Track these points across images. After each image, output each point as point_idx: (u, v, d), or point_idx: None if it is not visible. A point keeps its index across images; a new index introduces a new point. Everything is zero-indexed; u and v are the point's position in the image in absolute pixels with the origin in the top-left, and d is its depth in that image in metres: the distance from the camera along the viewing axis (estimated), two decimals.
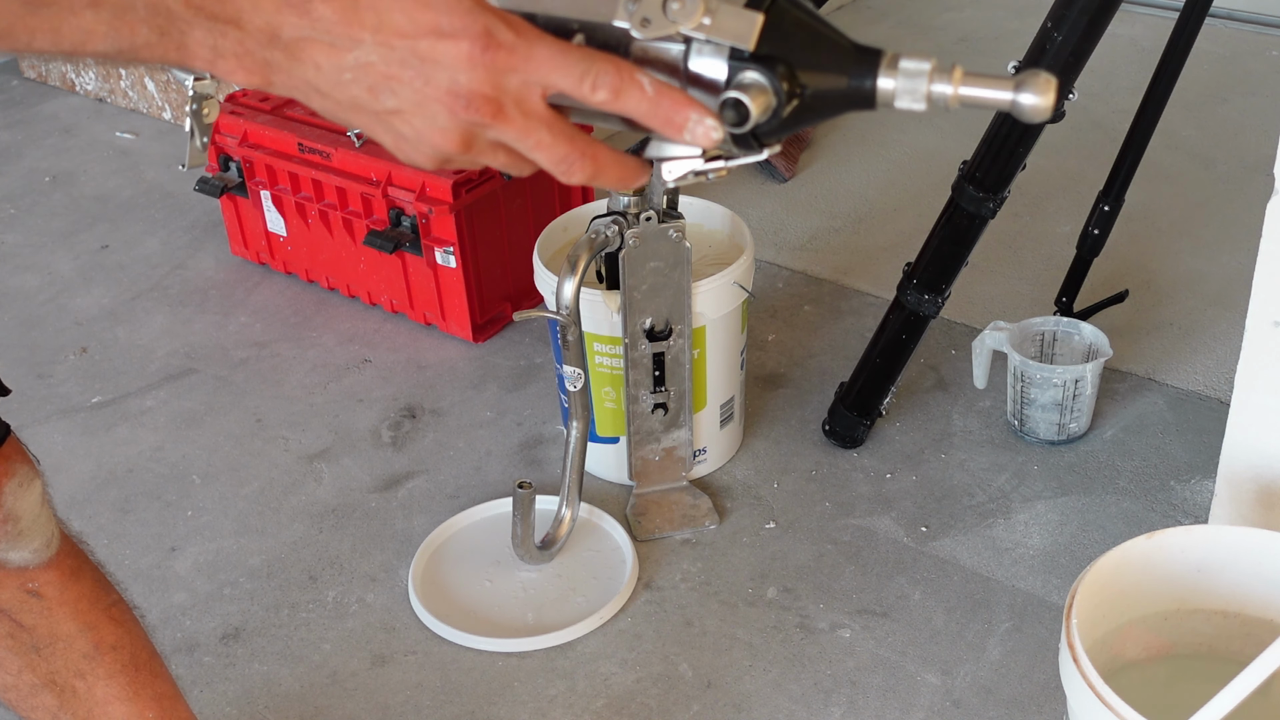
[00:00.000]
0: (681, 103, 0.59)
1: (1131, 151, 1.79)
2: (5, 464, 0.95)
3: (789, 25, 0.61)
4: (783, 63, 0.61)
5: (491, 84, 0.56)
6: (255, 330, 2.14)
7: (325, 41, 0.55)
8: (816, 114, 0.63)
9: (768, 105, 0.60)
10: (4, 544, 0.96)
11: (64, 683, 1.05)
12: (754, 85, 0.60)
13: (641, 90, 0.58)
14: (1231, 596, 1.23)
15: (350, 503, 1.77)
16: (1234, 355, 1.32)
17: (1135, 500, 1.70)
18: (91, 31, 0.55)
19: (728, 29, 0.60)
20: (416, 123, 0.57)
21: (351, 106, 0.57)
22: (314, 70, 0.56)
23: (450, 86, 0.56)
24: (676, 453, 1.72)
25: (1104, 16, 1.48)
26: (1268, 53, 2.93)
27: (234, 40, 0.55)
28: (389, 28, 0.55)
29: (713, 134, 0.59)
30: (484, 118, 0.57)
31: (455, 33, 0.55)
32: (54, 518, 1.01)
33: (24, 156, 2.75)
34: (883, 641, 1.52)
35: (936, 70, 0.60)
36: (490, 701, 1.47)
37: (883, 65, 0.61)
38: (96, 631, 1.05)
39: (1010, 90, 0.59)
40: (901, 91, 0.61)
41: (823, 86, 0.62)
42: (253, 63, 0.56)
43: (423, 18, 0.55)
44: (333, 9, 0.55)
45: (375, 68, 0.56)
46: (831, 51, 0.62)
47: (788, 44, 0.61)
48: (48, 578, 1.01)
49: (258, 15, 0.55)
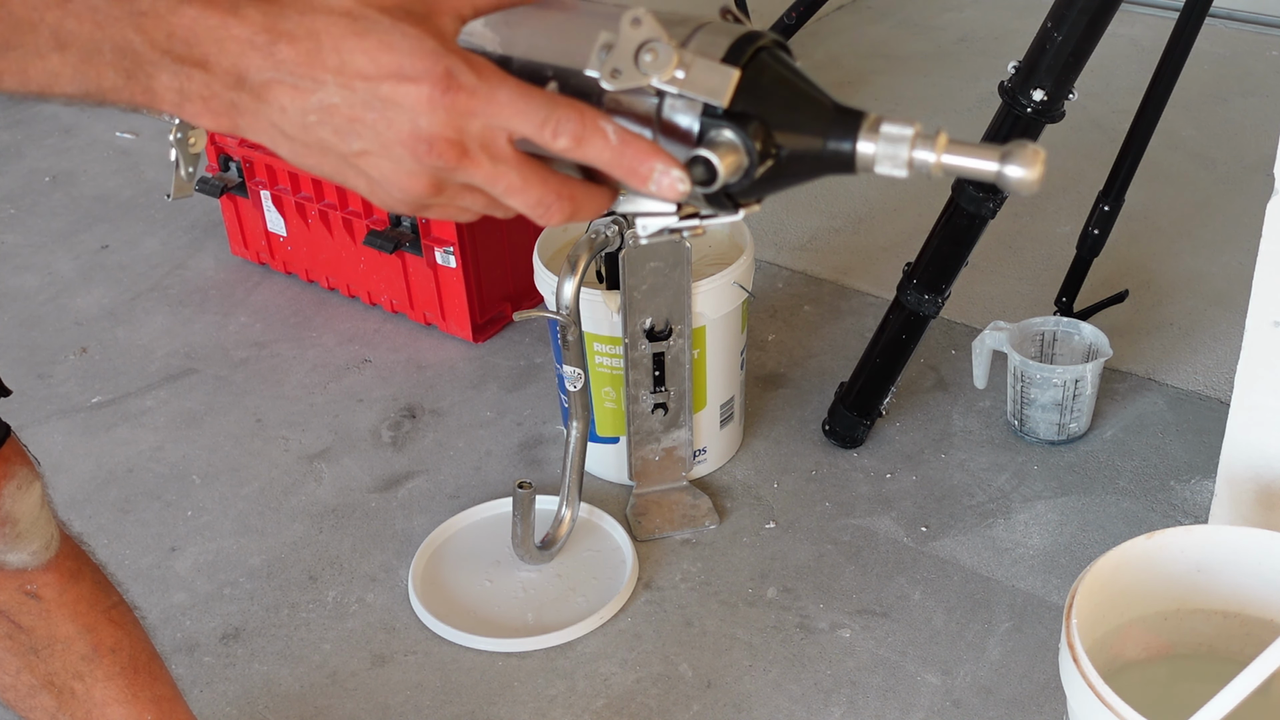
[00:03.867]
0: (646, 153, 0.57)
1: (1131, 151, 1.79)
2: (5, 466, 0.95)
3: (767, 82, 0.59)
4: (758, 121, 0.58)
5: (454, 127, 0.55)
6: (255, 330, 2.14)
7: (289, 83, 0.55)
8: (793, 176, 0.60)
9: (739, 165, 0.58)
10: (3, 546, 0.96)
11: (63, 684, 1.05)
12: (725, 144, 0.57)
13: (605, 138, 0.57)
14: (1231, 596, 1.23)
15: (350, 503, 1.77)
16: (1234, 355, 1.32)
17: (1135, 500, 1.70)
18: (58, 74, 0.55)
19: (701, 84, 0.57)
20: (384, 166, 0.57)
21: (319, 149, 0.57)
22: (279, 113, 0.55)
23: (412, 130, 0.55)
24: (676, 453, 1.72)
25: (1104, 16, 1.48)
26: (1268, 53, 2.93)
27: (200, 83, 0.55)
28: (350, 70, 0.54)
29: (679, 186, 0.57)
30: (448, 162, 0.56)
31: (416, 76, 0.54)
32: (54, 520, 1.01)
33: (24, 156, 2.75)
34: (883, 641, 1.52)
35: (920, 137, 0.57)
36: (490, 701, 1.47)
37: (863, 128, 0.58)
38: (95, 633, 1.05)
39: (996, 161, 0.56)
40: (882, 157, 0.58)
41: (799, 148, 0.59)
42: (219, 105, 0.56)
43: (384, 59, 0.54)
44: (296, 50, 0.54)
45: (339, 110, 0.55)
46: (810, 111, 0.59)
47: (765, 102, 0.58)
48: (47, 579, 1.01)
49: (224, 58, 0.55)
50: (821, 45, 3.02)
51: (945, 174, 0.58)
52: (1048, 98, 1.53)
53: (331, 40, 0.54)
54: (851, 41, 3.07)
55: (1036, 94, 1.53)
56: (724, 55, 0.58)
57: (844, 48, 3.03)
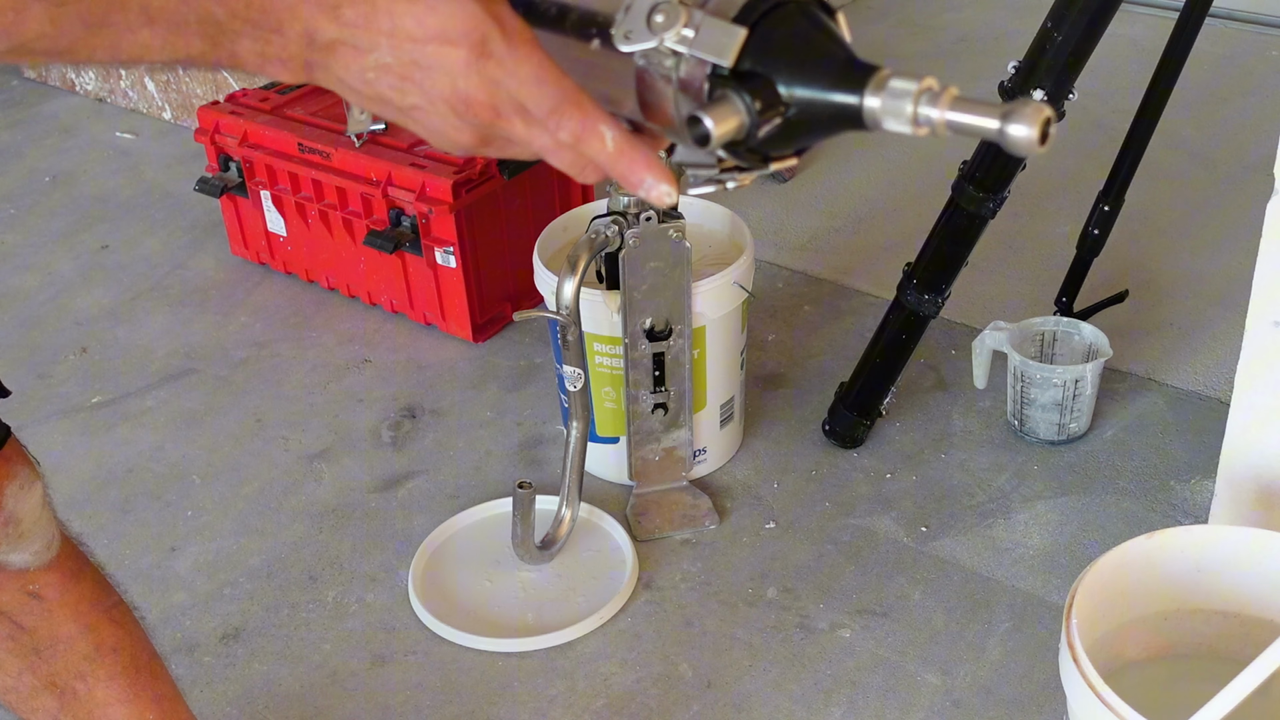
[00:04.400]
0: (638, 164, 0.60)
1: (1131, 151, 1.79)
2: (6, 466, 0.95)
3: (779, 39, 0.59)
4: (764, 80, 0.58)
5: (486, 91, 0.59)
6: (255, 330, 2.14)
7: (350, 43, 0.59)
8: (810, 131, 0.61)
9: (738, 125, 0.58)
10: (4, 546, 0.96)
11: (64, 685, 1.05)
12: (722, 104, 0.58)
13: (602, 143, 0.60)
14: (1231, 596, 1.23)
15: (350, 503, 1.77)
16: (1234, 355, 1.32)
17: (1135, 500, 1.70)
18: (149, 46, 0.58)
19: (708, 44, 0.58)
20: (434, 120, 0.61)
21: (380, 101, 0.61)
22: (344, 69, 0.60)
23: (453, 90, 0.59)
24: (676, 453, 1.72)
25: (1104, 16, 1.48)
26: (1268, 53, 2.93)
27: (278, 46, 0.59)
28: (401, 32, 0.58)
29: (665, 199, 0.60)
30: (483, 120, 0.60)
31: (455, 39, 0.58)
32: (55, 520, 1.01)
33: (24, 156, 2.75)
34: (883, 641, 1.52)
35: (926, 92, 0.57)
36: (490, 701, 1.47)
37: (870, 83, 0.58)
38: (97, 633, 1.05)
39: (997, 119, 0.56)
40: (886, 112, 0.58)
41: (807, 105, 0.59)
42: (295, 64, 0.60)
43: (430, 21, 0.58)
44: (357, 12, 0.58)
45: (392, 69, 0.59)
46: (819, 68, 0.59)
47: (774, 60, 0.59)
48: (48, 580, 1.01)
49: (296, 22, 0.58)
50: None
51: (952, 131, 0.57)
52: (1048, 98, 1.53)
53: (386, 3, 0.58)
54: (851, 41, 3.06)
55: (1036, 94, 1.53)
56: (736, 14, 0.59)
57: None
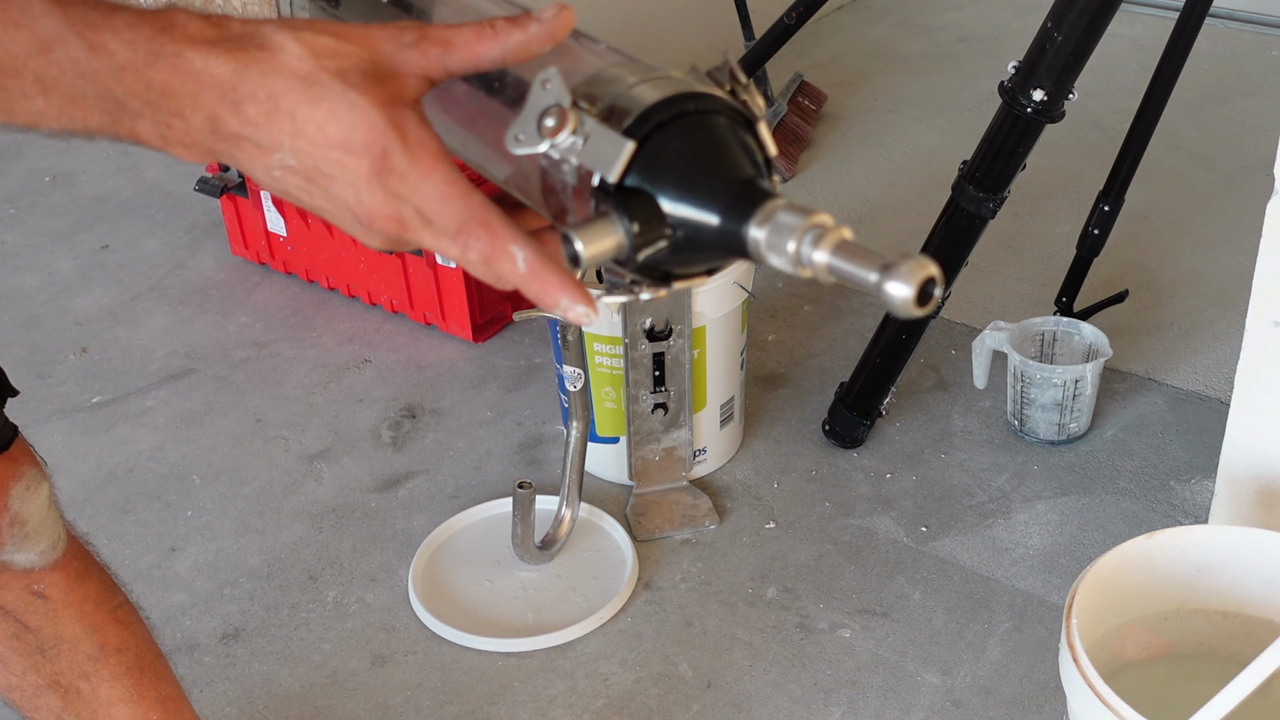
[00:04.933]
0: (552, 286, 0.56)
1: (1131, 151, 1.79)
2: (12, 466, 0.95)
3: (669, 156, 0.54)
4: (648, 199, 0.54)
5: (391, 205, 0.56)
6: (255, 330, 2.14)
7: (253, 140, 0.56)
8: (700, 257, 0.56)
9: (615, 246, 0.54)
10: (10, 546, 0.97)
11: (69, 684, 1.05)
12: (598, 224, 0.54)
13: (513, 264, 0.56)
14: (1231, 596, 1.23)
15: (350, 503, 1.77)
16: (1234, 355, 1.32)
17: (1135, 500, 1.70)
18: (44, 114, 0.57)
19: (594, 156, 0.54)
20: (345, 222, 0.58)
21: (288, 197, 0.59)
22: (249, 163, 0.57)
23: (354, 201, 0.56)
24: (676, 453, 1.72)
25: (1104, 16, 1.48)
26: (1268, 53, 2.93)
27: (179, 130, 0.57)
28: (302, 135, 0.55)
29: (583, 320, 0.56)
30: (389, 233, 0.57)
31: (357, 150, 0.55)
32: (61, 520, 1.01)
33: (24, 156, 2.75)
34: (883, 641, 1.52)
35: (811, 229, 0.52)
36: (490, 701, 1.47)
37: (758, 215, 0.53)
38: (102, 633, 1.06)
39: (876, 272, 0.51)
40: (769, 246, 0.53)
41: (694, 228, 0.54)
42: (199, 149, 0.58)
43: (332, 129, 0.55)
44: (259, 111, 0.55)
45: (297, 171, 0.56)
46: (708, 190, 0.54)
47: (661, 177, 0.54)
48: (53, 579, 1.02)
49: (198, 111, 0.56)
50: (821, 45, 3.02)
51: (833, 277, 0.53)
52: (1048, 98, 1.53)
53: (288, 104, 0.55)
54: (851, 41, 3.07)
55: (1036, 94, 1.53)
56: (629, 124, 0.54)
57: (844, 48, 3.03)
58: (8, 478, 0.95)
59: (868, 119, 2.69)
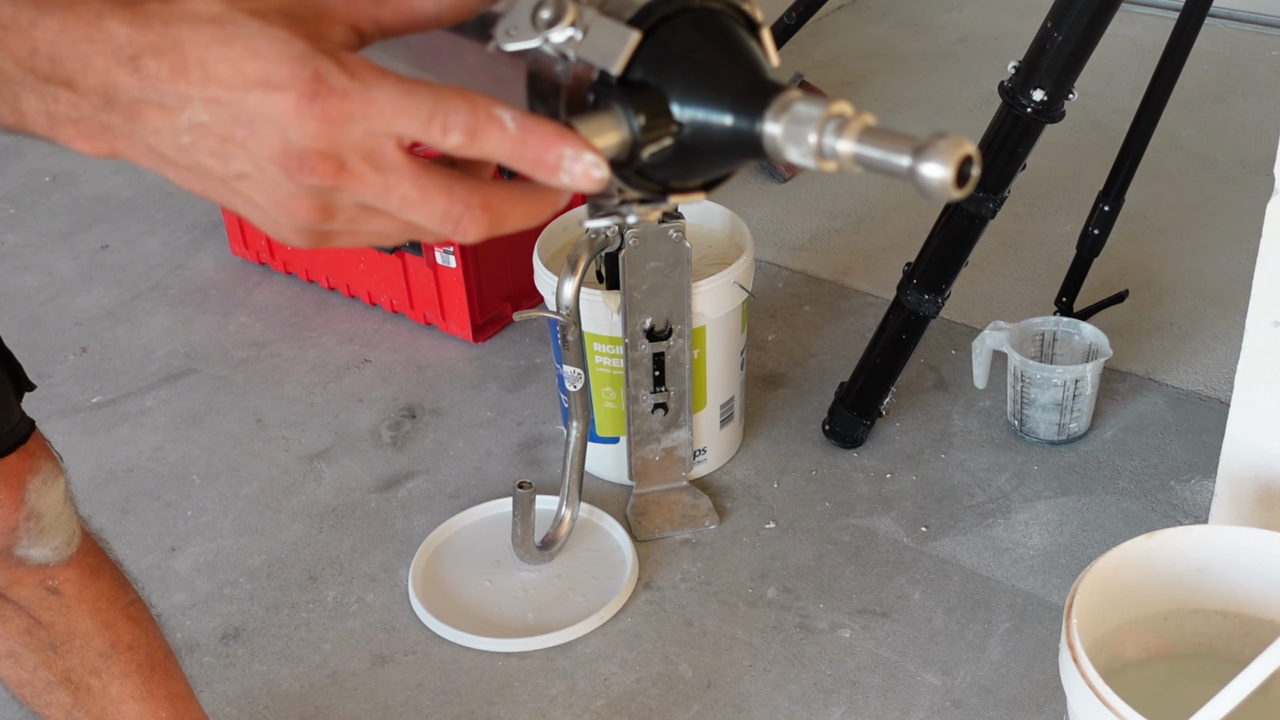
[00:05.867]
0: (552, 137, 0.49)
1: (1131, 151, 1.79)
2: (30, 460, 0.96)
3: (676, 49, 0.51)
4: (654, 92, 0.50)
5: (326, 138, 0.48)
6: (255, 330, 2.14)
7: (157, 101, 0.49)
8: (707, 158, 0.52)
9: (619, 141, 0.50)
10: (26, 541, 0.97)
11: (79, 680, 1.05)
12: (602, 116, 0.50)
13: (501, 127, 0.49)
14: (1231, 596, 1.23)
15: (350, 503, 1.77)
16: (1234, 355, 1.32)
17: (1135, 500, 1.70)
18: None
19: (596, 47, 0.50)
20: (265, 189, 0.50)
21: (201, 173, 0.50)
22: (154, 134, 0.50)
23: (283, 145, 0.48)
24: (676, 453, 1.72)
25: (1104, 16, 1.48)
26: (1268, 53, 2.93)
27: (68, 104, 0.50)
28: (215, 81, 0.48)
29: (593, 172, 0.49)
30: (324, 179, 0.49)
31: (282, 83, 0.48)
32: (75, 515, 1.01)
33: (24, 156, 2.75)
34: (883, 641, 1.52)
35: (832, 118, 0.49)
36: (490, 701, 1.47)
37: (773, 106, 0.50)
38: (113, 630, 1.06)
39: (908, 155, 0.48)
40: (786, 139, 0.49)
41: (703, 126, 0.51)
42: (91, 128, 0.50)
43: (249, 67, 0.48)
44: (161, 64, 0.48)
45: (210, 128, 0.49)
46: (718, 84, 0.51)
47: (668, 71, 0.51)
48: (67, 575, 1.02)
49: (90, 75, 0.49)
50: (821, 45, 3.02)
51: (862, 167, 0.49)
52: (1048, 98, 1.53)
53: (196, 50, 0.48)
54: (851, 41, 3.07)
55: (1036, 94, 1.53)
56: (632, 16, 0.50)
57: (844, 48, 3.03)
58: (25, 471, 0.95)
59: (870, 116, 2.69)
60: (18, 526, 0.96)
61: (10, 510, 0.95)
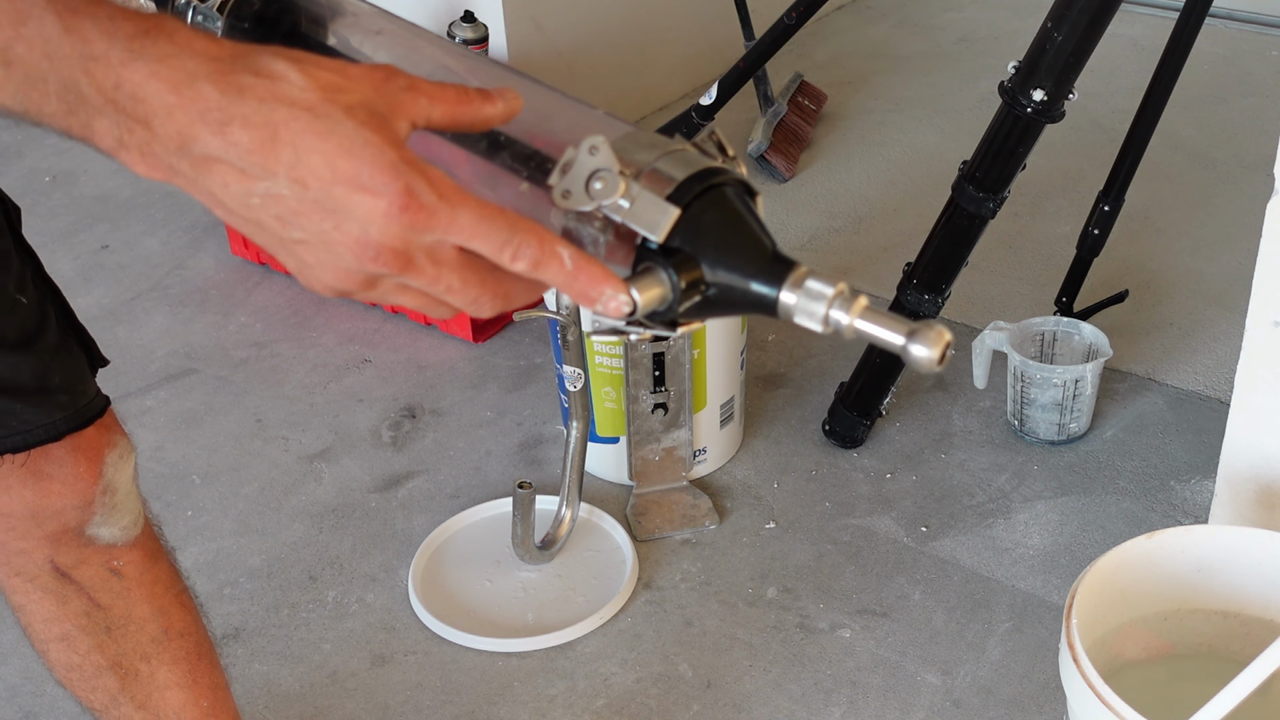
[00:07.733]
0: (598, 279, 0.58)
1: (1131, 151, 1.79)
2: (107, 434, 0.97)
3: (709, 222, 0.62)
4: (691, 258, 0.61)
5: (403, 240, 0.55)
6: (255, 330, 2.14)
7: (238, 166, 0.53)
8: (723, 309, 0.63)
9: (662, 298, 0.61)
10: (99, 517, 0.98)
11: (129, 666, 1.06)
12: (648, 277, 0.60)
13: (561, 264, 0.58)
14: (1231, 596, 1.23)
15: (350, 503, 1.77)
16: (1234, 355, 1.32)
17: (1135, 500, 1.70)
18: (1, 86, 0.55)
19: (642, 218, 0.60)
20: (320, 256, 0.56)
21: (255, 226, 0.56)
22: (220, 187, 0.54)
23: (360, 236, 0.54)
24: (676, 453, 1.72)
25: (1104, 16, 1.48)
26: (1268, 53, 2.93)
27: (140, 138, 0.54)
28: (305, 167, 0.53)
29: (624, 309, 0.59)
30: (390, 270, 0.56)
31: (376, 189, 0.53)
32: (140, 496, 1.03)
33: (24, 156, 2.75)
34: (883, 641, 1.52)
35: (840, 298, 0.60)
36: (490, 701, 1.47)
37: (789, 280, 0.61)
38: (168, 616, 1.07)
39: (903, 336, 0.58)
40: (799, 309, 0.61)
41: (727, 288, 0.62)
42: (156, 162, 0.55)
43: (343, 166, 0.53)
44: (251, 137, 0.53)
45: (286, 200, 0.54)
46: (744, 256, 0.62)
47: (701, 241, 0.61)
48: (130, 557, 1.03)
49: (170, 124, 0.53)
50: (821, 45, 3.02)
51: (858, 337, 0.60)
52: (1048, 98, 1.53)
53: (290, 135, 0.53)
54: (851, 41, 3.07)
55: (1036, 94, 1.53)
56: (671, 192, 0.61)
57: (844, 48, 3.03)
58: (103, 445, 0.97)
59: (868, 119, 2.69)
60: (94, 500, 0.97)
61: (89, 483, 0.97)
